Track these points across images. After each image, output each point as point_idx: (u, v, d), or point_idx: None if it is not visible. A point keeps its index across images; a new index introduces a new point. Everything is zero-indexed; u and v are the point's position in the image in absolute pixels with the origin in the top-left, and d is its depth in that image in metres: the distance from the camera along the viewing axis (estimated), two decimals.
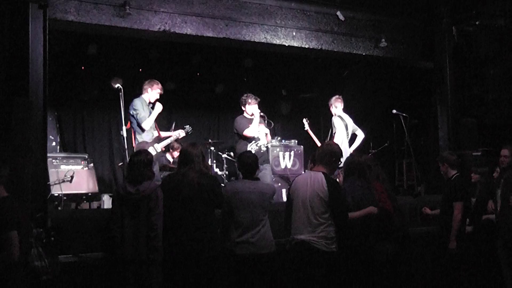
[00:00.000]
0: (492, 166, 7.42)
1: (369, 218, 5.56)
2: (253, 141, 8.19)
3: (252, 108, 8.27)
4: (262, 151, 8.22)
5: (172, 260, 5.40)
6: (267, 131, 8.57)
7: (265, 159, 8.44)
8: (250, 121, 8.23)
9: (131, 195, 5.37)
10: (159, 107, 7.94)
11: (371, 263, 5.57)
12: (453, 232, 6.50)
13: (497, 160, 7.09)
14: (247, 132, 8.12)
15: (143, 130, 7.75)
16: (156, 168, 7.60)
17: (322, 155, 5.42)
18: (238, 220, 5.57)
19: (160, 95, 8.10)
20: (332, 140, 8.60)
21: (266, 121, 8.63)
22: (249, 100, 8.29)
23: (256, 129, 8.23)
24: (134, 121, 7.78)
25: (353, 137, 9.10)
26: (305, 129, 9.89)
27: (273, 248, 5.59)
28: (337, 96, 9.19)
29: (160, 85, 8.08)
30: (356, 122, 9.14)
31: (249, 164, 5.79)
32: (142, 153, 5.68)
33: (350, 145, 8.99)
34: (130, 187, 5.40)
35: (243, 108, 8.39)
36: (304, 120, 9.91)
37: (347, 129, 8.89)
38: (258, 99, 8.36)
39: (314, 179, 5.22)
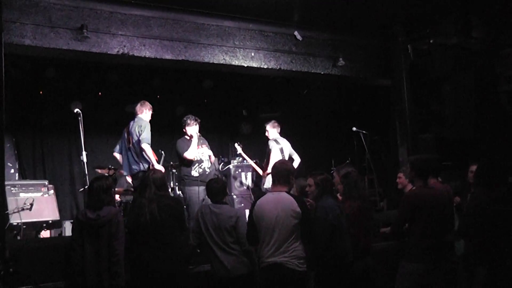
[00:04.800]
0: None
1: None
2: (197, 164, 8.25)
3: (191, 130, 8.30)
4: (207, 173, 8.24)
5: (136, 285, 5.37)
6: (210, 152, 8.56)
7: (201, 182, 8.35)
8: (189, 143, 8.25)
9: (91, 221, 5.29)
10: None
11: (349, 280, 5.58)
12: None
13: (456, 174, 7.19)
14: (187, 155, 8.14)
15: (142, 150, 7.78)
16: None
17: (279, 174, 5.33)
18: (209, 243, 5.60)
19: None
20: (268, 163, 8.73)
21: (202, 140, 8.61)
22: (189, 121, 8.32)
23: (196, 150, 8.24)
24: (136, 139, 7.81)
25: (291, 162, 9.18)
26: (238, 153, 9.97)
27: (247, 269, 5.59)
28: (273, 121, 9.30)
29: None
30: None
31: (217, 190, 5.87)
32: (102, 179, 5.60)
33: None
34: (90, 213, 5.32)
35: (184, 130, 8.40)
36: (236, 145, 9.99)
37: (282, 152, 8.98)
38: (199, 120, 8.40)
39: (282, 201, 5.14)
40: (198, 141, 8.32)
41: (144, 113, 8.14)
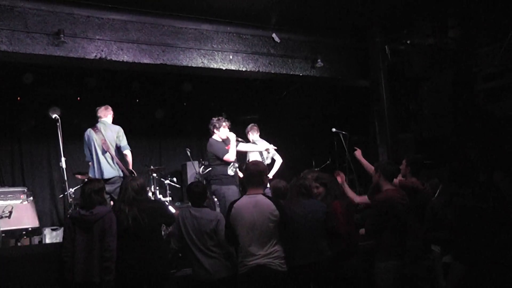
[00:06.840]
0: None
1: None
2: (232, 164, 8.23)
3: (226, 132, 8.28)
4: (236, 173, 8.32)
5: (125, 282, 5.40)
6: (267, 145, 9.02)
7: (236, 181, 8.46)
8: (225, 145, 8.23)
9: (85, 217, 5.40)
10: None
11: (341, 280, 5.61)
12: None
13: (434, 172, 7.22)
14: (228, 157, 8.08)
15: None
16: None
17: (252, 176, 5.32)
18: (190, 247, 5.61)
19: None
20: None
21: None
22: (223, 124, 8.28)
23: (235, 153, 8.24)
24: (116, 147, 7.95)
25: (273, 163, 9.31)
26: None
27: (229, 272, 5.59)
28: (252, 124, 9.39)
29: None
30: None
31: (197, 193, 5.89)
32: (93, 182, 5.79)
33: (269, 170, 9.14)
34: (83, 211, 5.45)
35: (215, 132, 8.29)
36: None
37: (261, 154, 9.02)
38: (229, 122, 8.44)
39: (259, 204, 5.13)
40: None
41: (109, 117, 8.20)
